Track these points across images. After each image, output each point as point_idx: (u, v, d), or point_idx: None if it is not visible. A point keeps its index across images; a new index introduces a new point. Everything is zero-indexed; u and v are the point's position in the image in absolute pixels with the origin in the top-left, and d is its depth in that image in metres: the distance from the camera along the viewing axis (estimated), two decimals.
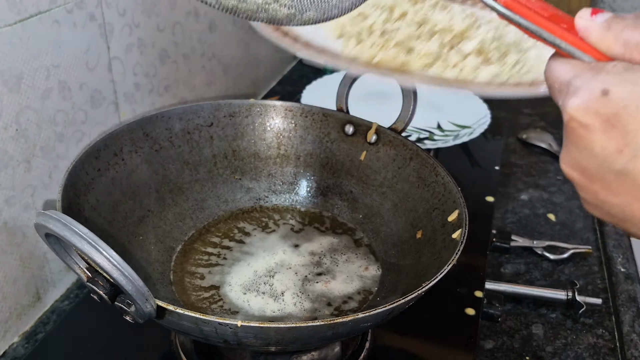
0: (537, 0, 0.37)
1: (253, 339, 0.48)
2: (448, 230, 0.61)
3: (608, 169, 0.32)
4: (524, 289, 0.75)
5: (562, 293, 0.74)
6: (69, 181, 0.58)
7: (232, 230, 0.74)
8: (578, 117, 0.32)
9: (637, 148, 0.31)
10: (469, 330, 0.68)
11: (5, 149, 0.61)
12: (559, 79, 0.34)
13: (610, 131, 0.31)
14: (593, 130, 0.32)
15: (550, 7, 0.37)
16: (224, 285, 0.66)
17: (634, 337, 0.71)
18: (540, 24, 0.36)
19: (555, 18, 0.36)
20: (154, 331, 0.66)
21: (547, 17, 0.36)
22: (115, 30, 0.74)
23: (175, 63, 0.89)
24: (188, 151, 0.74)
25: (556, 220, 0.92)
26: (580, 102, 0.32)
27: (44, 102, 0.65)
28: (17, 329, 0.68)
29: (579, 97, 0.32)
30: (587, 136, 0.32)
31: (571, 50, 0.35)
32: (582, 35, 0.34)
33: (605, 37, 0.33)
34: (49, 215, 0.43)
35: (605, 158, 0.32)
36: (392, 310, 0.49)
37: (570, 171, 0.35)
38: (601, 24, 0.34)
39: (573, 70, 0.33)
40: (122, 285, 0.44)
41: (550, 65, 0.35)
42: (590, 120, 0.32)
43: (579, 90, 0.32)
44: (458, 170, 0.98)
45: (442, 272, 0.52)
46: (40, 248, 0.69)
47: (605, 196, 0.34)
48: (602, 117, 0.31)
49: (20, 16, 0.60)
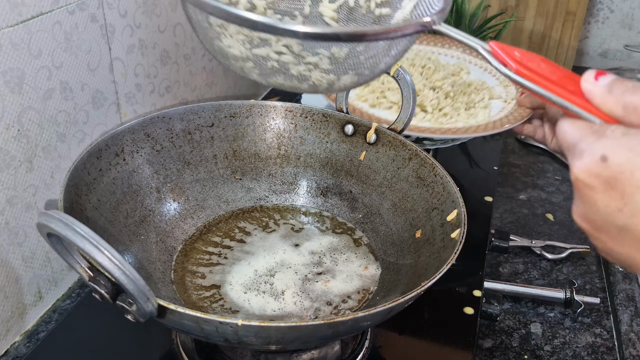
0: (547, 65, 0.40)
1: (253, 337, 0.48)
2: (447, 229, 0.61)
3: (612, 224, 0.36)
4: (523, 288, 0.75)
5: (560, 292, 0.74)
6: (71, 181, 0.59)
7: (232, 230, 0.74)
8: (582, 178, 0.36)
9: (635, 208, 0.34)
10: (468, 329, 0.68)
11: (7, 149, 0.62)
12: (567, 140, 0.38)
13: (610, 192, 0.35)
14: (596, 190, 0.36)
15: (559, 70, 0.40)
16: (225, 285, 0.66)
17: (632, 336, 0.71)
18: (550, 89, 0.39)
19: (563, 80, 0.39)
20: (155, 330, 0.66)
21: (555, 80, 0.39)
22: (117, 31, 0.75)
23: (176, 64, 0.90)
24: (189, 151, 0.75)
25: (554, 220, 0.92)
26: (583, 165, 0.36)
27: (45, 102, 0.65)
28: (19, 328, 0.68)
29: (583, 160, 0.36)
30: (592, 195, 0.36)
31: (578, 112, 0.38)
32: (587, 97, 0.38)
33: (607, 100, 0.37)
34: (50, 215, 0.44)
35: (608, 215, 0.36)
36: (392, 309, 0.50)
37: (580, 222, 0.39)
38: (603, 88, 0.37)
39: (579, 133, 0.37)
40: (123, 285, 0.44)
41: (561, 125, 0.38)
42: (593, 182, 0.36)
43: (583, 153, 0.36)
44: (457, 170, 0.99)
45: (441, 271, 0.52)
46: (42, 247, 0.69)
47: (612, 246, 0.37)
48: (603, 179, 0.35)
49: (22, 17, 0.60)
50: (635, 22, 1.42)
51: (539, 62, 0.41)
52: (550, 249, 0.84)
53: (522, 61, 0.41)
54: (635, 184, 0.34)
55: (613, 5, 1.42)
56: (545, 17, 1.38)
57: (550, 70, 0.40)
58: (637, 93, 0.36)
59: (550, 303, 0.75)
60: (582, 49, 1.48)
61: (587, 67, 1.49)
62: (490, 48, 0.43)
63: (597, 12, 1.43)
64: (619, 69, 1.43)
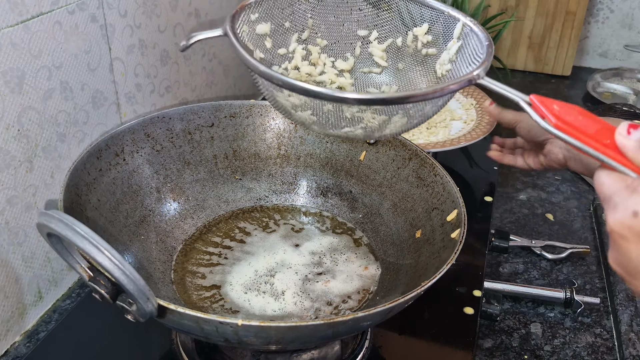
0: (584, 117, 0.43)
1: (254, 337, 0.48)
2: (447, 229, 0.61)
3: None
4: (523, 288, 0.75)
5: (560, 292, 0.74)
6: (71, 181, 0.59)
7: (232, 230, 0.74)
8: (617, 230, 0.39)
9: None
10: (468, 329, 0.68)
11: (7, 149, 0.62)
12: (603, 192, 0.41)
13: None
14: (629, 241, 0.39)
15: (595, 121, 0.42)
16: (225, 285, 0.66)
17: (632, 336, 0.71)
18: (587, 143, 0.41)
19: (600, 133, 0.41)
20: (155, 330, 0.66)
21: (592, 134, 0.42)
22: (117, 31, 0.75)
23: (176, 64, 0.90)
24: (189, 151, 0.75)
25: (554, 220, 0.92)
26: (618, 219, 0.39)
27: (45, 102, 0.65)
28: (19, 328, 0.68)
29: (617, 214, 0.39)
30: (625, 245, 0.39)
31: (613, 165, 0.41)
32: (621, 150, 0.41)
33: (638, 154, 0.40)
34: (50, 215, 0.44)
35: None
36: (392, 309, 0.50)
37: (615, 267, 0.42)
38: (635, 142, 0.40)
39: (614, 186, 0.40)
40: (123, 285, 0.44)
41: (599, 176, 0.41)
42: (626, 234, 0.39)
43: (617, 207, 0.39)
44: (457, 170, 0.99)
45: (441, 271, 0.52)
46: (42, 247, 0.69)
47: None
48: (635, 232, 0.38)
49: (22, 17, 0.60)
50: (635, 22, 1.42)
51: (577, 115, 0.43)
52: (550, 249, 0.84)
53: (560, 115, 0.43)
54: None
55: (613, 5, 1.42)
56: (545, 17, 1.38)
57: (587, 122, 0.42)
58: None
59: (550, 303, 0.75)
60: (582, 49, 1.48)
61: (587, 67, 1.49)
62: (530, 100, 0.45)
63: (597, 12, 1.43)
64: (619, 69, 1.43)
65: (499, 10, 1.37)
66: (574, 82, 1.42)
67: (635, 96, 1.33)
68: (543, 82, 1.41)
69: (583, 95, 1.35)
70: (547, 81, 1.42)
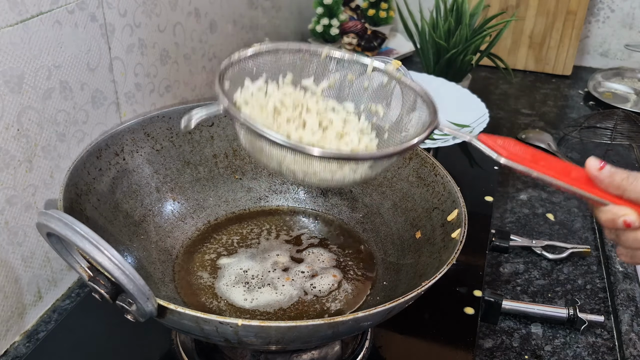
0: (561, 162, 0.49)
1: (253, 337, 0.48)
2: (447, 229, 0.61)
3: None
4: (525, 306, 0.73)
5: (564, 311, 0.72)
6: (71, 181, 0.59)
7: (232, 230, 0.74)
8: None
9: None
10: (468, 329, 0.68)
11: (7, 148, 0.61)
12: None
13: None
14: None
15: (570, 167, 0.49)
16: (225, 284, 0.66)
17: (633, 336, 0.71)
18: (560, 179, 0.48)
19: (564, 169, 0.48)
20: (155, 330, 0.66)
21: (559, 170, 0.48)
22: (117, 30, 0.75)
23: (176, 63, 0.90)
24: (189, 151, 0.75)
25: (555, 220, 0.92)
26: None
27: (45, 102, 0.65)
28: (18, 328, 0.68)
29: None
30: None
31: (591, 197, 0.48)
32: (595, 184, 0.47)
33: (610, 186, 0.47)
34: (50, 215, 0.44)
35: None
36: (392, 309, 0.50)
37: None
38: (607, 177, 0.46)
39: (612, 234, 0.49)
40: (123, 285, 0.44)
41: (597, 215, 0.49)
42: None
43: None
44: (457, 170, 0.98)
45: (442, 271, 0.52)
46: (42, 247, 0.69)
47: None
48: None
49: (22, 16, 0.60)
50: (635, 22, 1.42)
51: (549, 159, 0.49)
52: (551, 249, 0.84)
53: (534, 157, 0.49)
54: None
55: (614, 4, 1.42)
56: (545, 16, 1.38)
57: (564, 167, 0.49)
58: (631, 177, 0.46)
59: (553, 322, 0.73)
60: (582, 49, 1.48)
61: (588, 67, 1.49)
62: (478, 139, 0.50)
63: (598, 11, 1.43)
64: (619, 68, 1.43)
65: (499, 10, 1.37)
66: (574, 81, 1.42)
67: (636, 96, 1.33)
68: (544, 82, 1.41)
69: (584, 95, 1.35)
70: (548, 81, 1.42)
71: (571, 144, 1.14)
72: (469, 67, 1.17)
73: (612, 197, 0.47)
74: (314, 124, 0.57)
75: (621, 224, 0.46)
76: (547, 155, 0.50)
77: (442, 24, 1.14)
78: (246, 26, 1.11)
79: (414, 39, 1.22)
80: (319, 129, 0.57)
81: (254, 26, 1.15)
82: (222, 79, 0.52)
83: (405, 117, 0.57)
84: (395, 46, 1.49)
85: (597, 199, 0.47)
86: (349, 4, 1.46)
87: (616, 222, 0.46)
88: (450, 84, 1.10)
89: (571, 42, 1.39)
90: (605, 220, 0.47)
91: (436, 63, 1.17)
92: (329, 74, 0.59)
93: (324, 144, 0.55)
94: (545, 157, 0.49)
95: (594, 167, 0.47)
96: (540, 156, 0.49)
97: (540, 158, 0.49)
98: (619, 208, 0.46)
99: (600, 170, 0.47)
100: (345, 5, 1.45)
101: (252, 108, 0.54)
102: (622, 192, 0.46)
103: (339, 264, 0.70)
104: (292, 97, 0.58)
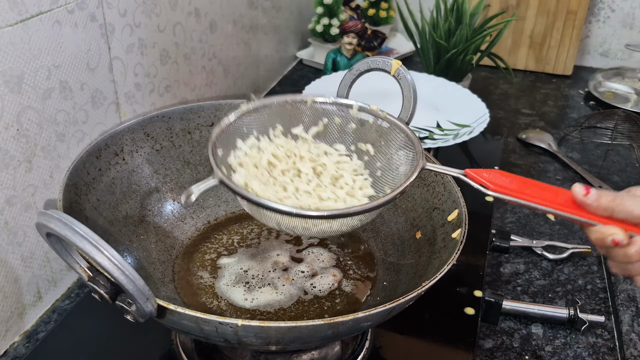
0: (547, 188, 0.51)
1: (253, 338, 0.48)
2: (448, 229, 0.61)
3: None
4: (526, 306, 0.73)
5: (564, 311, 0.72)
6: (70, 181, 0.59)
7: (232, 230, 0.74)
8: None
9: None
10: (469, 330, 0.68)
11: (7, 148, 0.61)
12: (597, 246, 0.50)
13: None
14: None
15: (557, 191, 0.51)
16: (225, 285, 0.66)
17: (633, 336, 0.71)
18: (549, 205, 0.50)
19: (550, 195, 0.50)
20: (155, 330, 0.66)
21: (544, 197, 0.50)
22: (116, 30, 0.75)
23: (175, 63, 0.90)
24: (189, 151, 0.75)
25: (555, 220, 0.92)
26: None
27: (45, 102, 0.65)
28: (18, 328, 0.68)
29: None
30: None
31: (581, 220, 0.49)
32: (583, 207, 0.49)
33: (598, 209, 0.49)
34: (50, 215, 0.44)
35: None
36: (392, 310, 0.49)
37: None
38: (594, 200, 0.48)
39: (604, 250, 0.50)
40: (123, 285, 0.44)
41: (587, 234, 0.50)
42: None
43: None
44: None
45: (442, 271, 0.52)
46: (42, 247, 0.69)
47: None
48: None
49: (22, 16, 0.60)
50: (636, 22, 1.42)
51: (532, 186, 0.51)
52: (552, 249, 0.84)
53: (520, 185, 0.51)
54: None
55: (614, 4, 1.41)
56: (546, 16, 1.38)
57: (554, 192, 0.51)
58: (617, 199, 0.48)
59: (554, 322, 0.73)
60: (583, 49, 1.48)
61: (589, 67, 1.49)
62: (465, 173, 0.54)
63: (598, 11, 1.43)
64: (620, 68, 1.42)
65: (499, 10, 1.37)
66: (575, 81, 1.42)
67: (636, 96, 1.33)
68: (544, 82, 1.41)
69: (584, 94, 1.35)
70: (548, 81, 1.42)
71: (571, 144, 1.14)
72: (469, 67, 1.17)
73: (600, 218, 0.49)
74: (308, 172, 0.58)
75: (610, 243, 0.48)
76: (534, 182, 0.51)
77: (442, 24, 1.14)
78: (246, 26, 1.11)
79: (414, 39, 1.22)
80: (314, 175, 0.58)
81: (254, 26, 1.14)
82: (214, 149, 0.54)
83: (395, 155, 0.59)
84: (395, 46, 1.49)
85: (585, 220, 0.49)
86: (349, 4, 1.46)
87: (605, 241, 0.48)
88: (450, 84, 1.10)
89: (571, 42, 1.39)
90: (595, 239, 0.49)
91: (436, 63, 1.16)
92: (317, 120, 0.62)
93: (319, 192, 0.57)
94: (532, 185, 0.51)
95: (580, 193, 0.49)
96: (527, 184, 0.51)
97: (527, 186, 0.51)
98: (606, 228, 0.48)
99: (587, 195, 0.49)
100: (345, 5, 1.45)
101: (247, 167, 0.56)
102: (611, 213, 0.48)
103: (339, 264, 0.70)
104: (285, 148, 0.60)
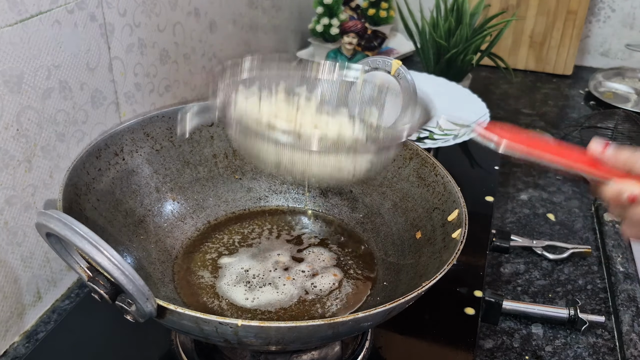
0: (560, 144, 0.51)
1: (253, 338, 0.48)
2: (448, 229, 0.61)
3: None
4: (526, 306, 0.73)
5: (564, 311, 0.72)
6: (70, 181, 0.59)
7: (232, 230, 0.74)
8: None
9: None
10: (469, 330, 0.68)
11: (6, 148, 0.61)
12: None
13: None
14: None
15: (570, 148, 0.50)
16: (225, 285, 0.66)
17: (634, 336, 0.71)
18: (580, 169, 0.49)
19: (585, 160, 0.49)
20: (155, 330, 0.66)
21: (576, 158, 0.50)
22: (116, 30, 0.75)
23: (175, 63, 0.90)
24: (189, 151, 0.75)
25: (556, 220, 0.92)
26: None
27: (44, 102, 0.65)
28: (18, 328, 0.68)
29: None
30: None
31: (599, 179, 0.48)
32: (601, 163, 0.49)
33: (617, 163, 0.48)
34: (49, 215, 0.44)
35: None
36: (392, 310, 0.49)
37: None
38: (612, 155, 0.48)
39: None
40: (122, 285, 0.44)
41: (600, 193, 0.49)
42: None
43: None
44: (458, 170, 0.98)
45: (442, 271, 0.52)
46: (41, 248, 0.69)
47: None
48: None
49: (21, 16, 0.60)
50: (636, 22, 1.42)
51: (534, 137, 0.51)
52: (552, 249, 0.84)
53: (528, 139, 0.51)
54: None
55: (614, 4, 1.41)
56: (546, 16, 1.38)
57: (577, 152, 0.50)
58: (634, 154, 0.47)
59: (554, 322, 0.73)
60: (583, 48, 1.48)
61: (589, 67, 1.49)
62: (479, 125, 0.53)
63: (599, 11, 1.43)
64: (620, 68, 1.42)
65: (499, 10, 1.37)
66: (575, 81, 1.41)
67: (637, 96, 1.32)
68: (544, 82, 1.41)
69: (584, 94, 1.35)
70: (549, 80, 1.42)
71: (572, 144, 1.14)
72: (470, 67, 1.17)
73: (617, 175, 0.47)
74: (309, 127, 0.57)
75: (626, 199, 0.46)
76: (547, 139, 0.51)
77: (442, 24, 1.14)
78: (246, 26, 1.11)
79: (414, 39, 1.21)
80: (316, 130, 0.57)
81: (254, 26, 1.14)
82: (221, 79, 0.52)
83: (400, 120, 0.58)
84: (395, 46, 1.49)
85: (601, 176, 0.48)
86: (349, 4, 1.46)
87: (621, 198, 0.46)
88: (450, 84, 1.10)
89: (572, 41, 1.39)
90: (609, 196, 0.47)
91: (436, 63, 1.16)
92: (320, 84, 0.61)
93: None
94: (545, 140, 0.51)
95: (598, 148, 0.48)
96: (540, 139, 0.51)
97: (540, 141, 0.50)
98: (623, 183, 0.46)
99: (605, 150, 0.48)
100: (345, 4, 1.45)
101: (246, 119, 0.55)
102: (630, 167, 0.47)
103: (339, 264, 0.70)
104: (286, 112, 0.59)
